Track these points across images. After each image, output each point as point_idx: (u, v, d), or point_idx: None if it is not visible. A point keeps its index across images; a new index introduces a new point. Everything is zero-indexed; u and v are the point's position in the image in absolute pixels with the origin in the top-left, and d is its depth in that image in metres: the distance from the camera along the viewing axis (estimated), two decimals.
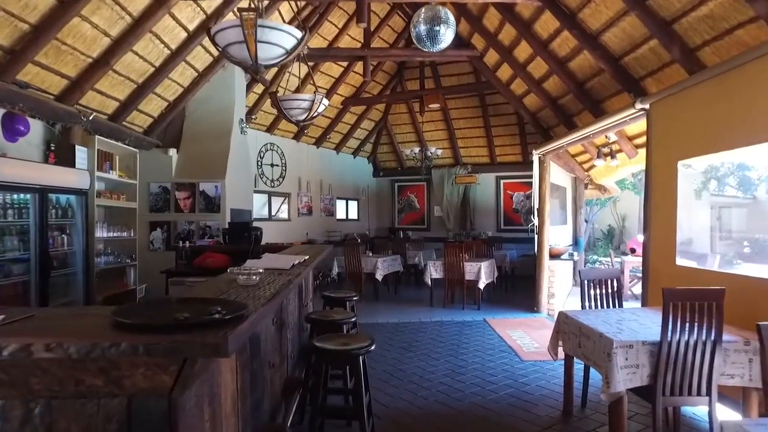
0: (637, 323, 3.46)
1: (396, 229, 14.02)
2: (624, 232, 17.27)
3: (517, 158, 12.87)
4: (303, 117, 4.60)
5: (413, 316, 7.83)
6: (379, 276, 9.19)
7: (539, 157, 7.86)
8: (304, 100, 4.48)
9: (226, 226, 6.75)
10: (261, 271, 2.68)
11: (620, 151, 6.99)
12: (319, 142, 11.83)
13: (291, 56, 3.03)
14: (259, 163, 9.94)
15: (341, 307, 4.90)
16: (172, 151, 7.28)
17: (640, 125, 5.99)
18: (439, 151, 10.63)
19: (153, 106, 7.00)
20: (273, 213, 10.83)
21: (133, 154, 6.50)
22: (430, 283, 8.60)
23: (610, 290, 4.32)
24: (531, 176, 13.11)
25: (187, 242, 5.97)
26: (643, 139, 6.26)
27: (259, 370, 2.87)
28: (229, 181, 7.33)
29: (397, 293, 10.12)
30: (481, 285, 8.19)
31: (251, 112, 9.42)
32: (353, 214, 13.67)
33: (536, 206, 8.03)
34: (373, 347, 3.09)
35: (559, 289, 8.18)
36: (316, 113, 4.68)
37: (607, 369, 2.97)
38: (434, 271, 8.60)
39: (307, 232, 11.33)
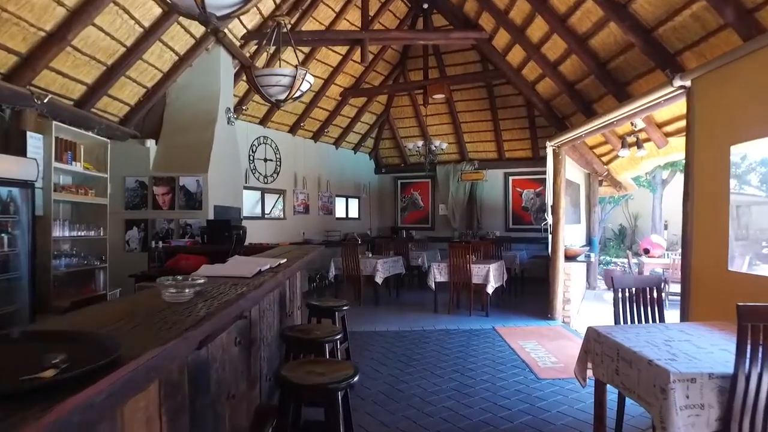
0: (691, 345, 2.75)
1: (398, 228, 13.34)
2: (636, 232, 16.55)
3: (526, 153, 12.15)
4: (283, 96, 3.92)
5: (415, 324, 7.15)
6: (378, 279, 8.51)
7: (553, 150, 7.15)
8: (284, 75, 3.80)
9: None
10: (201, 281, 2.00)
11: (648, 140, 6.27)
12: (316, 136, 11.16)
13: (249, 5, 2.36)
14: (251, 158, 9.28)
15: (330, 319, 4.22)
16: (150, 143, 6.62)
17: (671, 110, 5.30)
18: (444, 145, 9.95)
19: (129, 92, 6.35)
20: (267, 211, 10.17)
21: (103, 145, 5.85)
22: (433, 287, 7.91)
23: (649, 300, 3.59)
24: (542, 173, 12.40)
25: (161, 242, 5.31)
26: (675, 126, 5.55)
27: (208, 409, 2.19)
28: (212, 175, 6.67)
29: (398, 297, 9.44)
30: (490, 290, 7.50)
31: (241, 102, 8.77)
32: (354, 213, 12.99)
33: (550, 203, 7.33)
34: (355, 378, 2.40)
35: (575, 294, 7.48)
36: (298, 92, 4.00)
37: (662, 409, 2.27)
38: (438, 274, 7.91)
39: (303, 231, 10.66)
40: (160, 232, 6.47)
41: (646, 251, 10.72)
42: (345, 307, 4.27)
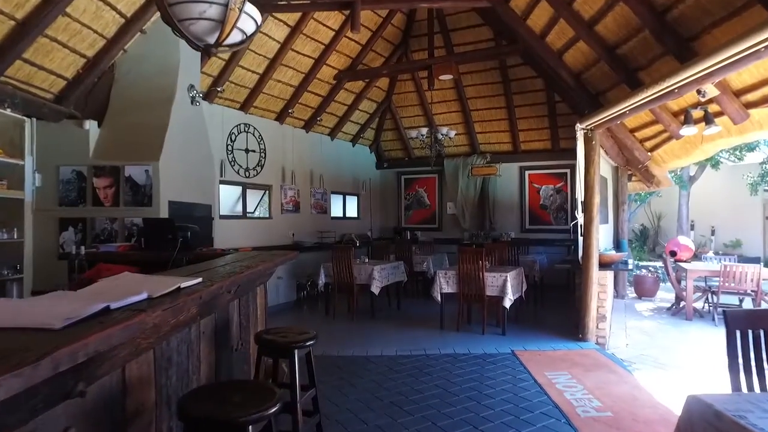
0: None
1: (402, 228, 12.07)
2: (659, 233, 15.17)
3: (545, 145, 10.84)
4: (212, 37, 2.66)
5: (417, 345, 5.88)
6: (375, 289, 7.25)
7: (585, 133, 5.86)
8: (211, 1, 2.54)
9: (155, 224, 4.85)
10: None
11: (720, 114, 4.89)
12: (308, 125, 9.92)
13: None
14: (230, 148, 8.06)
15: (288, 359, 2.96)
16: (90, 124, 5.41)
17: (758, 70, 3.98)
18: (453, 134, 8.66)
19: (61, 61, 5.15)
20: (250, 210, 8.94)
21: (19, 124, 4.65)
22: (439, 299, 6.63)
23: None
24: (562, 166, 11.10)
25: (82, 248, 4.10)
26: (763, 92, 4.23)
27: None
28: (166, 164, 5.44)
29: (399, 309, 8.17)
30: (507, 303, 6.21)
31: (216, 83, 7.55)
32: (352, 212, 11.73)
33: (581, 198, 6.03)
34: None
35: (610, 308, 6.17)
36: (237, 33, 2.73)
37: None
38: (445, 284, 6.63)
39: (293, 232, 9.42)
40: (101, 234, 5.27)
41: (673, 254, 9.41)
42: (309, 342, 3.00)
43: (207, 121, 7.44)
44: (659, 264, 11.16)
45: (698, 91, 4.10)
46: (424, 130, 8.44)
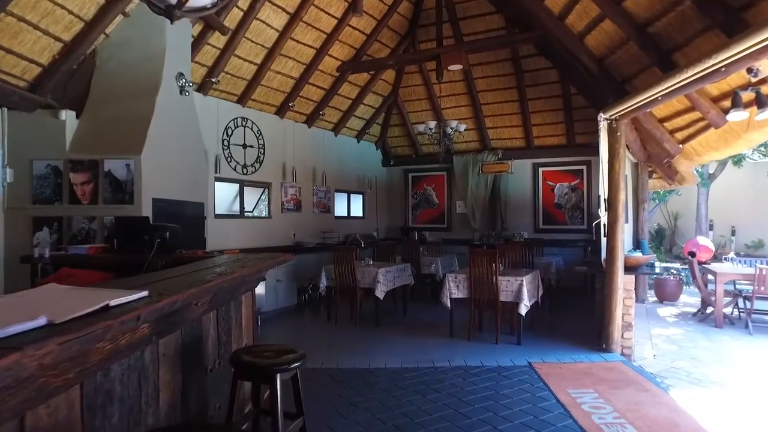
0: None
1: (409, 228, 11.56)
2: (676, 233, 14.52)
3: (560, 140, 10.29)
4: None
5: (424, 356, 5.37)
6: (379, 293, 6.75)
7: (609, 124, 5.32)
8: None
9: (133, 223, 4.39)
10: None
11: None
12: (310, 120, 9.44)
13: None
14: (226, 143, 7.60)
15: (269, 384, 2.47)
16: (66, 114, 4.96)
17: None
18: (463, 127, 8.14)
19: (33, 45, 4.71)
20: (248, 209, 8.48)
21: None
22: (449, 305, 6.12)
23: None
24: (578, 163, 10.54)
25: (46, 250, 3.65)
26: None
27: None
28: (150, 158, 4.97)
29: (406, 314, 7.66)
30: (523, 310, 5.68)
31: (211, 73, 7.09)
32: (357, 211, 11.24)
33: (604, 195, 5.49)
34: None
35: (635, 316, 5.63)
36: (212, 3, 2.23)
37: None
38: (455, 289, 6.11)
39: (294, 232, 8.96)
40: (78, 234, 4.81)
41: (692, 254, 8.83)
42: (295, 364, 2.51)
43: (201, 114, 6.99)
44: (677, 265, 10.59)
45: (749, 70, 3.57)
46: (432, 124, 7.93)
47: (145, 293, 1.75)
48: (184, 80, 5.66)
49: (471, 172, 10.84)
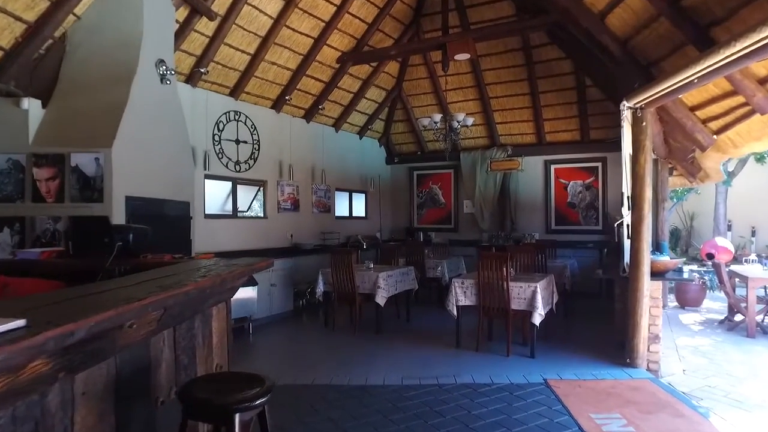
0: None
1: (414, 229, 11.05)
2: (692, 234, 13.88)
3: (573, 136, 9.73)
4: None
5: (428, 370, 4.86)
6: (380, 299, 6.25)
7: (634, 113, 4.77)
8: None
9: (112, 223, 3.90)
10: None
11: None
12: (309, 114, 8.94)
13: None
14: (217, 138, 7.12)
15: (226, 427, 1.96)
16: (30, 103, 4.48)
17: None
18: (471, 121, 7.60)
19: None
20: (243, 208, 8.00)
21: None
22: (455, 312, 5.59)
23: None
24: (592, 160, 9.93)
25: None
26: None
27: None
28: (122, 152, 4.49)
29: (409, 320, 7.14)
30: (537, 319, 5.15)
31: (200, 63, 6.61)
32: (359, 211, 10.73)
33: (628, 192, 4.94)
34: None
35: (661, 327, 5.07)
36: None
37: None
38: (462, 295, 5.58)
39: (291, 233, 8.46)
40: (43, 236, 4.34)
41: (710, 256, 8.26)
42: (260, 401, 2.00)
43: (189, 107, 6.55)
44: (694, 267, 9.98)
45: None
46: (438, 117, 7.40)
47: (21, 323, 1.24)
48: (165, 68, 5.17)
49: (479, 169, 10.30)
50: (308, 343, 6.22)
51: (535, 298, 5.15)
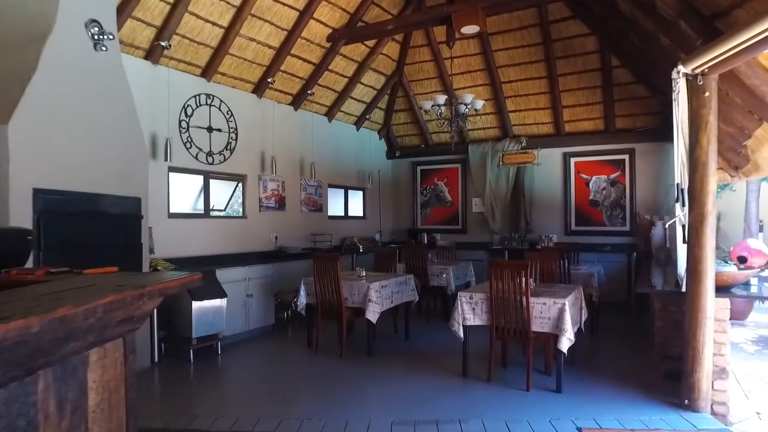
0: None
1: (418, 230, 9.99)
2: (719, 235, 12.69)
3: (596, 125, 8.62)
4: None
5: (426, 410, 3.80)
6: (371, 315, 5.20)
7: (692, 81, 3.68)
8: None
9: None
10: None
11: None
12: (297, 101, 7.91)
13: None
14: (184, 125, 6.11)
15: None
16: None
17: None
18: (480, 104, 6.52)
19: None
20: (220, 207, 6.99)
21: None
22: (461, 334, 4.52)
23: None
24: (618, 152, 8.64)
25: None
26: None
27: None
28: (26, 129, 3.48)
29: (408, 338, 6.08)
30: (565, 345, 4.06)
31: (161, 35, 5.60)
32: (356, 210, 9.70)
33: (683, 184, 3.86)
34: None
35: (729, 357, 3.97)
36: None
37: None
38: (470, 313, 4.51)
39: (275, 235, 7.44)
40: None
41: (742, 260, 7.11)
42: None
43: (149, 87, 5.60)
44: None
45: None
46: (442, 99, 6.33)
47: None
48: (99, 30, 4.16)
49: (489, 163, 9.22)
50: (284, 369, 5.17)
51: (563, 318, 4.08)
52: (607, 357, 5.29)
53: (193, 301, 5.13)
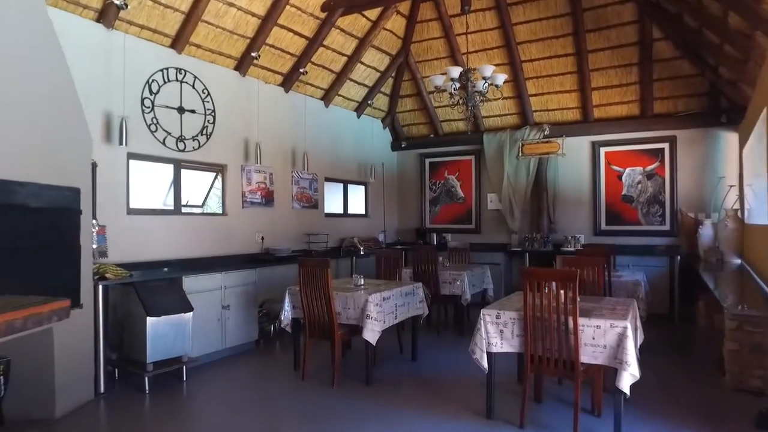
0: None
1: (426, 230, 8.97)
2: None
3: (631, 110, 7.55)
4: None
5: None
6: (370, 335, 4.18)
7: None
8: None
9: None
10: None
11: None
12: (288, 81, 6.90)
13: None
14: (147, 104, 5.11)
15: None
16: None
17: None
18: (502, 78, 5.44)
19: None
20: (196, 202, 5.99)
21: None
22: (485, 364, 3.47)
23: None
24: (656, 140, 7.33)
25: None
26: None
27: None
28: None
29: (416, 360, 5.04)
30: (627, 384, 3.01)
31: None
32: (357, 207, 8.68)
33: None
34: None
35: None
36: None
37: None
38: (497, 336, 3.47)
39: (262, 235, 6.43)
40: None
41: None
42: None
43: (103, 55, 4.62)
44: None
45: None
46: (456, 71, 5.25)
47: None
48: None
49: (507, 155, 8.17)
50: (262, 403, 4.14)
51: (624, 346, 3.04)
52: (664, 389, 4.23)
53: (147, 317, 4.12)
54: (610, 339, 3.10)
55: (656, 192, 7.43)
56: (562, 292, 3.17)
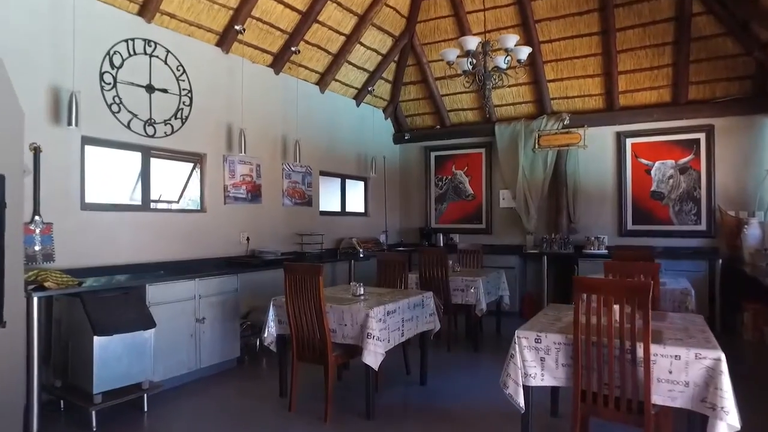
0: None
1: (432, 230, 8.18)
2: None
3: (661, 96, 6.77)
4: None
5: None
6: (371, 359, 3.37)
7: None
8: None
9: None
10: None
11: None
12: (278, 61, 6.11)
13: None
14: (109, 79, 4.32)
15: None
16: None
17: None
18: (527, 51, 4.62)
19: None
20: (172, 198, 5.19)
21: None
22: (522, 402, 2.66)
23: None
24: (690, 129, 6.27)
25: None
26: None
27: None
28: None
29: (425, 384, 4.23)
30: None
31: None
32: (356, 205, 7.88)
33: None
34: None
35: None
36: None
37: None
38: (537, 366, 2.67)
39: (247, 235, 5.63)
40: None
41: None
42: None
43: (49, 17, 3.80)
44: None
45: None
46: (473, 42, 4.45)
47: None
48: None
49: (522, 147, 7.39)
50: None
51: (718, 385, 2.24)
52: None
53: (95, 336, 3.32)
54: (696, 374, 2.30)
55: (690, 188, 6.64)
56: (631, 310, 2.37)
